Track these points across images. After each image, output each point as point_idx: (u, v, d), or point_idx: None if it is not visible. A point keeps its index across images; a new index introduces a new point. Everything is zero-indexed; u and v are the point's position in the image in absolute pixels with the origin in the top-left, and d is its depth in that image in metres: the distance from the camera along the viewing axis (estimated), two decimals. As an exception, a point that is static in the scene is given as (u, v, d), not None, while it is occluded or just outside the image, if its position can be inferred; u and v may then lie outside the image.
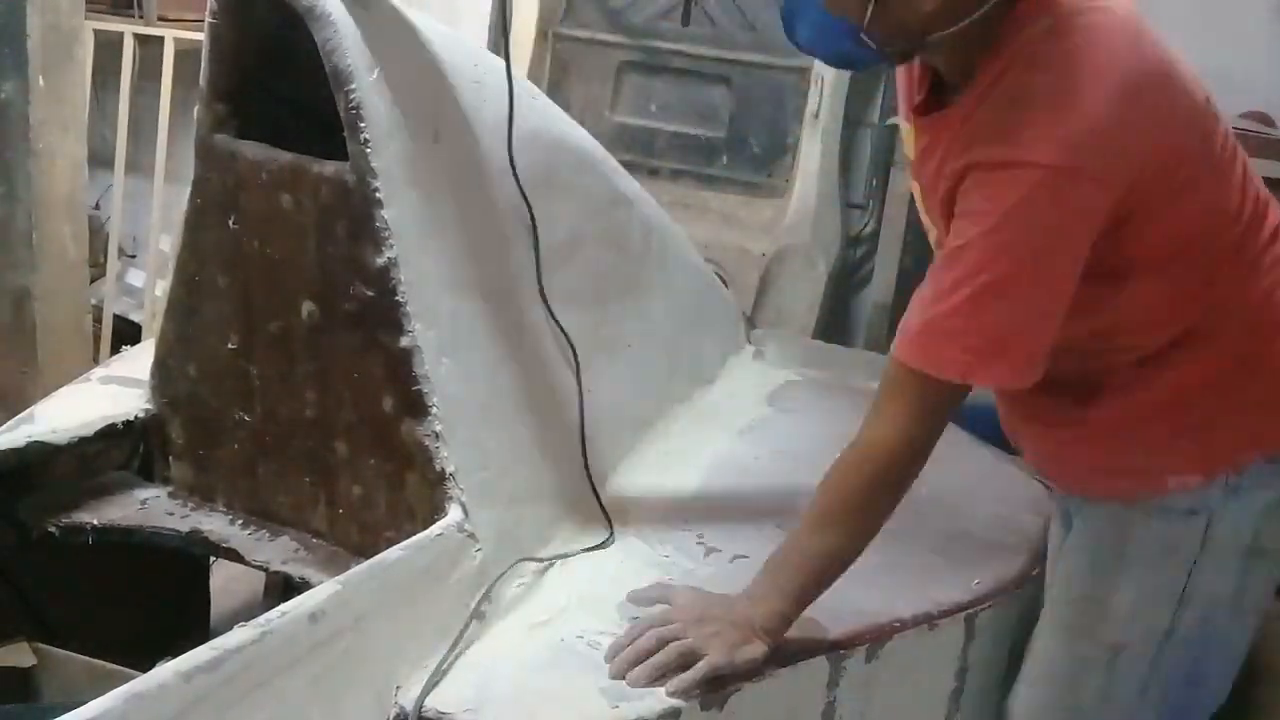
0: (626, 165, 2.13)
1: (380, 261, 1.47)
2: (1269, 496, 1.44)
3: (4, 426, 1.73)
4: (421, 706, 1.28)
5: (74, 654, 1.62)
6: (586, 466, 1.73)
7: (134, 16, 3.73)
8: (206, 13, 1.55)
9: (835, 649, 1.48)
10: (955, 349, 1.30)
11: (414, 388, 1.49)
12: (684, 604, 1.45)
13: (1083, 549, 1.54)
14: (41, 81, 2.86)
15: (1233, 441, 1.43)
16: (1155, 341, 1.41)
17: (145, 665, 1.22)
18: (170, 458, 1.76)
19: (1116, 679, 1.50)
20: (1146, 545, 1.47)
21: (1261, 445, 1.43)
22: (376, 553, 1.38)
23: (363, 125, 1.44)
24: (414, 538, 1.42)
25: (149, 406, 1.76)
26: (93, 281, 3.50)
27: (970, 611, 1.63)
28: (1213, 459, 1.43)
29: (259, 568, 1.63)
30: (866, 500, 1.40)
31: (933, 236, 1.55)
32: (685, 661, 1.36)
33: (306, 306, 1.56)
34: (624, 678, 1.35)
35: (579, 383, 1.75)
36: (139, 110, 3.72)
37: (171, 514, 1.69)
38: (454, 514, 1.47)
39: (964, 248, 1.29)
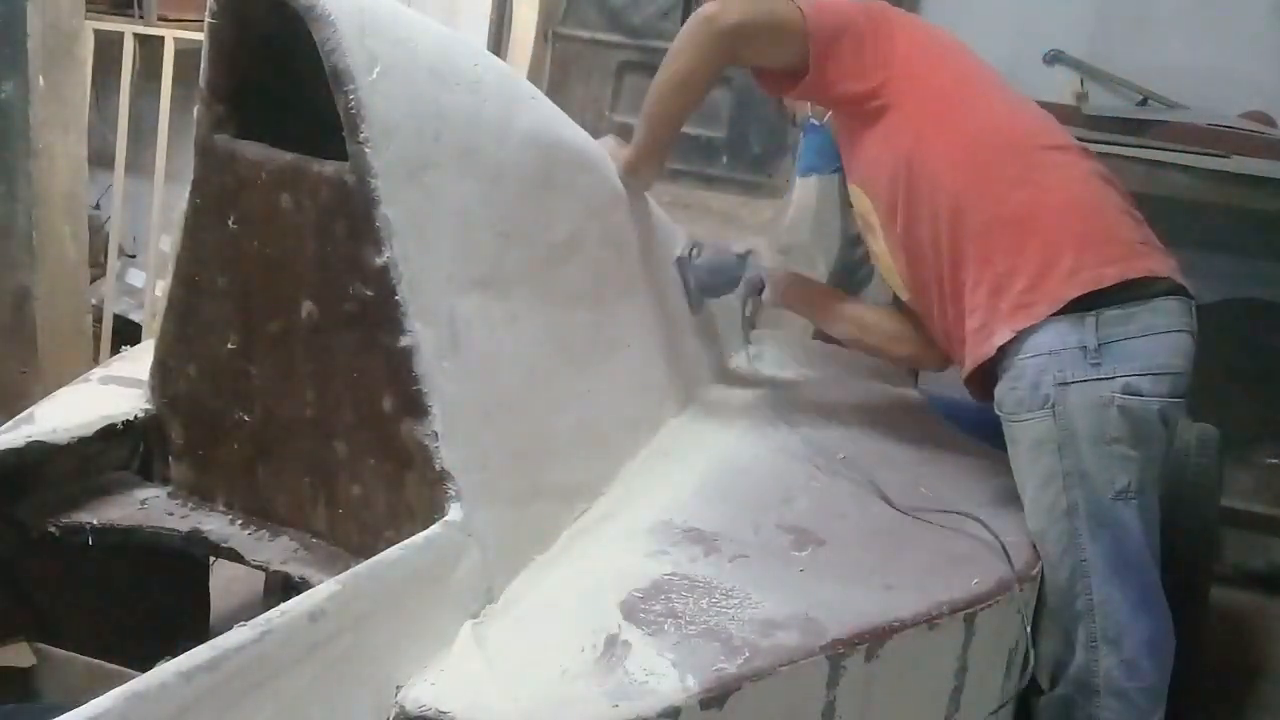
0: (627, 165, 2.13)
1: (380, 261, 1.47)
2: (1097, 393, 1.79)
3: (4, 426, 1.73)
4: (422, 706, 1.28)
5: (74, 654, 1.62)
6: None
7: (134, 16, 3.73)
8: (206, 13, 1.55)
9: (835, 648, 1.48)
10: None
11: (414, 388, 1.49)
12: None
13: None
14: (41, 81, 2.86)
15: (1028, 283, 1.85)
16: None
17: (145, 665, 1.21)
18: (170, 458, 1.76)
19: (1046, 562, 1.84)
20: (1022, 443, 1.88)
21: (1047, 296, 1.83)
22: (376, 553, 1.38)
23: (363, 125, 1.44)
24: (414, 538, 1.42)
25: (149, 406, 1.76)
26: (93, 281, 3.51)
27: (970, 611, 1.63)
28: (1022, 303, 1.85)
29: (259, 568, 1.63)
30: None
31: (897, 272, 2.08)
32: None
33: (306, 306, 1.56)
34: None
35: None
36: (139, 110, 3.72)
37: (171, 514, 1.69)
38: (454, 514, 1.47)
39: None
